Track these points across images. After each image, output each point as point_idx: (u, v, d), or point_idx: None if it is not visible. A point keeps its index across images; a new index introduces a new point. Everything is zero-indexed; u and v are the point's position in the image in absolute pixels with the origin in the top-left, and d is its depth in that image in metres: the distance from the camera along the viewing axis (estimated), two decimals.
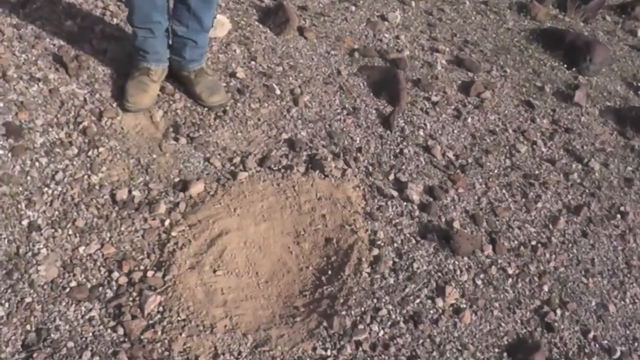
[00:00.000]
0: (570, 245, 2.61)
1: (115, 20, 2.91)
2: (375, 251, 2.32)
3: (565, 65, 3.65)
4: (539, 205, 2.75)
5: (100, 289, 1.97)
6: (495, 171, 2.84)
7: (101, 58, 2.68)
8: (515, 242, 2.56)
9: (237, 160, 2.48)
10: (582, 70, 3.60)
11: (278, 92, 2.84)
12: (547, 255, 2.54)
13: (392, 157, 2.73)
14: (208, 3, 2.40)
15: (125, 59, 2.66)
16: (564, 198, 2.83)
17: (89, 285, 1.97)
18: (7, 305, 1.86)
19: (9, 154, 2.21)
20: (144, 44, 2.45)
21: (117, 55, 2.71)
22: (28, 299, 1.89)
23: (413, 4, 3.83)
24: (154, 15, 2.35)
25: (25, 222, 2.06)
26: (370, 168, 2.64)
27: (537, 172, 2.91)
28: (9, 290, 1.89)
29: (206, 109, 2.62)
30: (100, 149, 2.34)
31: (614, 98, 3.56)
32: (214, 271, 2.11)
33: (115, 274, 2.01)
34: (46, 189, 2.17)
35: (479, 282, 2.35)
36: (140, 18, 2.36)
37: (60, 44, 2.68)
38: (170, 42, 2.54)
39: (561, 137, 3.16)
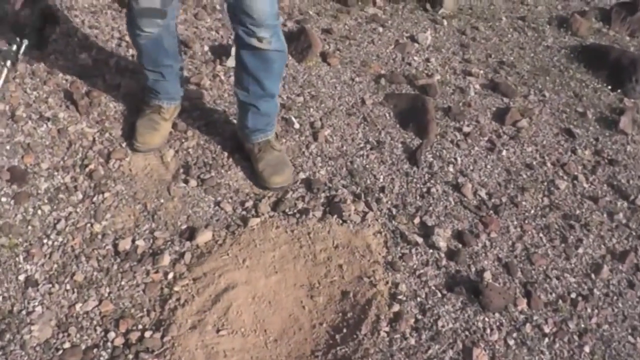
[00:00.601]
0: (615, 298, 2.37)
1: (130, 52, 2.82)
2: (396, 307, 2.13)
3: (609, 87, 3.38)
4: (580, 250, 2.51)
5: (95, 350, 1.85)
6: (532, 211, 2.61)
7: (114, 93, 2.59)
8: (553, 294, 2.33)
9: (249, 204, 2.33)
10: (628, 92, 3.33)
11: (297, 125, 2.68)
12: (589, 310, 2.30)
13: (418, 198, 2.54)
14: (267, 63, 2.17)
15: (138, 93, 2.55)
16: (607, 242, 2.58)
17: (83, 347, 1.86)
18: None
19: (12, 202, 2.12)
20: (155, 85, 2.34)
21: (130, 90, 2.62)
22: None
23: (445, 22, 3.62)
24: (164, 60, 2.24)
25: (22, 277, 1.97)
26: (394, 210, 2.45)
27: (577, 212, 2.66)
28: (0, 353, 1.79)
29: (219, 146, 2.48)
30: (106, 194, 2.23)
31: None
32: (217, 331, 1.96)
33: (112, 334, 1.89)
34: (46, 239, 2.07)
35: (511, 343, 2.13)
36: (149, 62, 2.25)
37: (73, 79, 2.59)
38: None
39: (605, 171, 2.90)
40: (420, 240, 2.36)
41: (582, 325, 2.25)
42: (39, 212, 2.13)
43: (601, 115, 3.20)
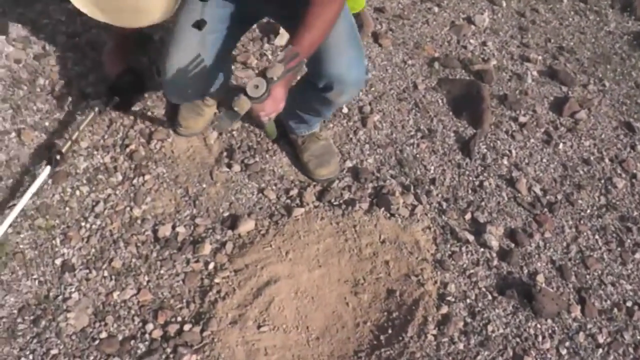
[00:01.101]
0: None
1: None
2: (445, 308, 2.03)
3: None
4: (637, 256, 2.37)
5: (132, 342, 1.79)
6: (588, 211, 2.47)
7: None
8: (608, 302, 2.21)
9: (294, 192, 2.23)
10: None
11: (345, 110, 2.56)
12: None
13: (470, 192, 2.41)
14: (330, 105, 2.06)
15: None
16: None
17: (120, 338, 1.79)
18: (31, 357, 1.71)
19: (50, 181, 2.04)
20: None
21: None
22: (54, 351, 1.73)
23: (504, 3, 3.42)
24: (194, 97, 2.16)
25: (58, 261, 1.90)
26: (444, 205, 2.33)
27: (635, 213, 2.51)
28: (35, 340, 1.74)
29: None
30: (147, 177, 2.15)
31: None
32: (259, 326, 1.88)
33: (150, 326, 1.82)
34: (84, 222, 1.99)
35: (563, 352, 2.03)
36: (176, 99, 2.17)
37: None
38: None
39: None
40: (471, 238, 2.24)
41: (638, 337, 2.14)
42: (77, 192, 2.05)
43: None
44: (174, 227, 2.05)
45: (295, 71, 1.59)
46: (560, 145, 2.68)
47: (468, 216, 2.32)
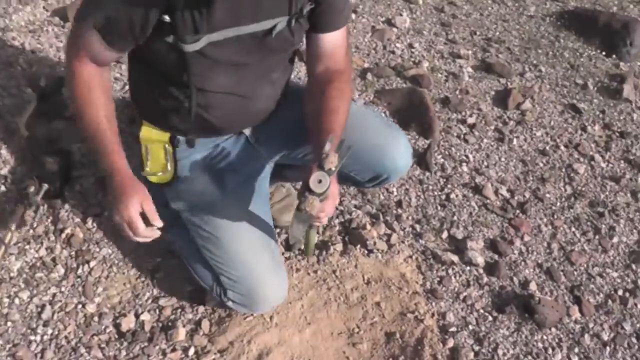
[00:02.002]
0: None
1: None
2: (450, 341, 1.88)
3: (604, 53, 3.21)
4: (615, 240, 2.33)
5: None
6: (558, 204, 2.41)
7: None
8: (601, 295, 2.14)
9: None
10: (623, 57, 3.16)
11: None
12: (639, 306, 2.13)
13: (439, 207, 2.28)
14: None
15: None
16: (638, 225, 2.41)
17: None
18: None
19: None
20: None
21: None
22: None
23: (420, 1, 3.34)
24: None
25: None
26: (418, 227, 2.19)
27: (602, 196, 2.48)
28: None
29: None
30: (92, 263, 1.88)
31: None
32: None
33: None
34: (33, 335, 1.70)
35: None
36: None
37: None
38: None
39: (618, 146, 2.73)
40: (455, 258, 2.11)
41: (638, 326, 2.08)
42: (17, 301, 1.75)
43: (602, 84, 3.02)
44: (137, 316, 1.79)
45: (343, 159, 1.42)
46: (515, 141, 2.61)
47: (445, 235, 2.19)
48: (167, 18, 1.30)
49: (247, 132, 1.73)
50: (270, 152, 1.76)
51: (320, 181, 1.36)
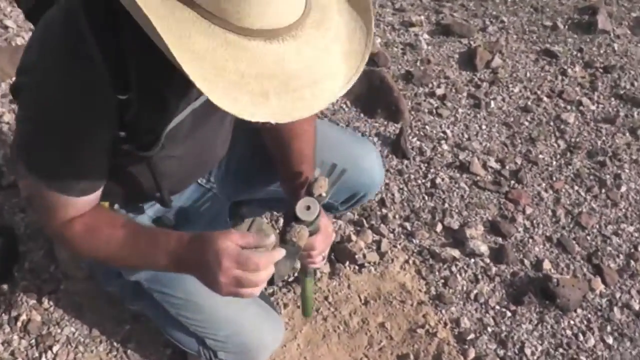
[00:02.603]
0: None
1: None
2: (471, 352, 1.66)
3: None
4: (623, 189, 2.12)
5: None
6: (554, 163, 2.18)
7: None
8: (621, 256, 1.93)
9: None
10: None
11: None
12: None
13: (426, 198, 2.05)
14: None
15: None
16: None
17: None
18: None
19: None
20: None
21: None
22: None
23: None
24: None
25: None
26: (408, 225, 1.96)
27: (599, 143, 2.26)
28: None
29: None
30: (55, 348, 1.63)
31: (638, 5, 2.90)
32: None
33: None
34: None
35: (610, 341, 1.72)
36: None
37: None
38: None
39: (604, 83, 2.50)
40: (456, 253, 1.89)
41: None
42: None
43: (572, 21, 2.78)
44: None
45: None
46: (492, 104, 2.38)
47: (439, 227, 1.96)
48: (122, 134, 1.02)
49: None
50: (226, 192, 1.52)
51: (308, 207, 1.17)
